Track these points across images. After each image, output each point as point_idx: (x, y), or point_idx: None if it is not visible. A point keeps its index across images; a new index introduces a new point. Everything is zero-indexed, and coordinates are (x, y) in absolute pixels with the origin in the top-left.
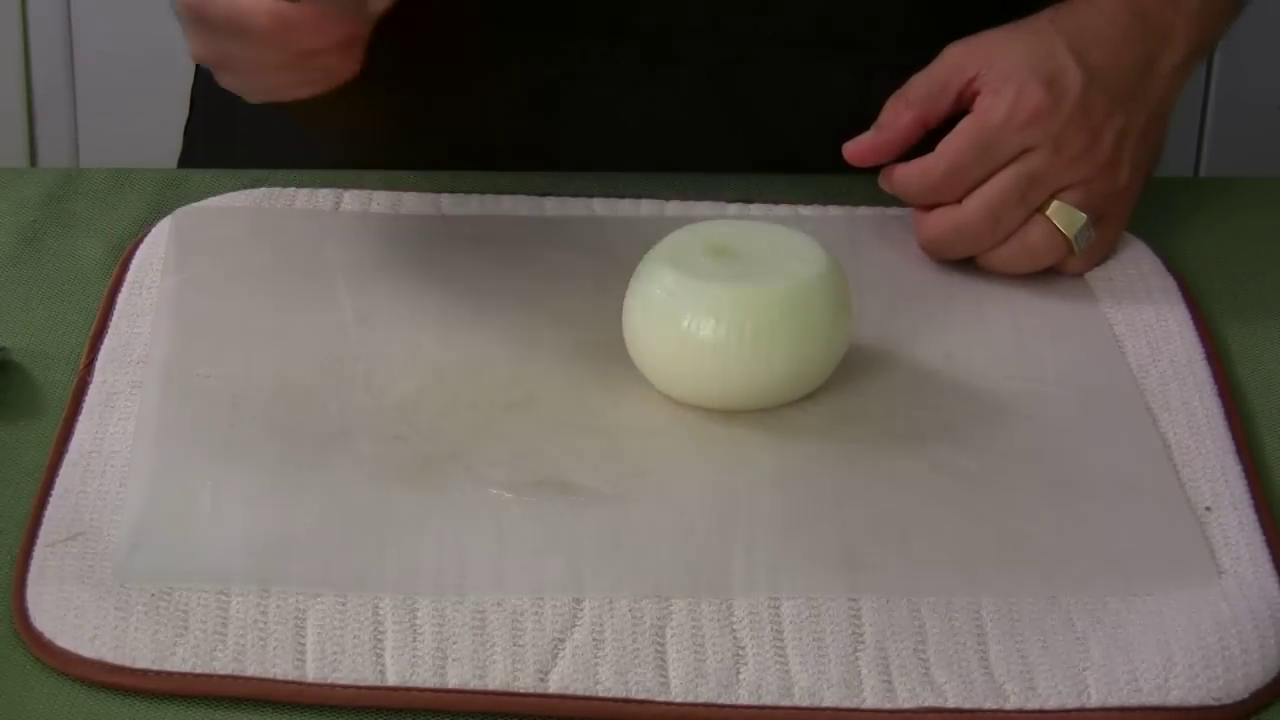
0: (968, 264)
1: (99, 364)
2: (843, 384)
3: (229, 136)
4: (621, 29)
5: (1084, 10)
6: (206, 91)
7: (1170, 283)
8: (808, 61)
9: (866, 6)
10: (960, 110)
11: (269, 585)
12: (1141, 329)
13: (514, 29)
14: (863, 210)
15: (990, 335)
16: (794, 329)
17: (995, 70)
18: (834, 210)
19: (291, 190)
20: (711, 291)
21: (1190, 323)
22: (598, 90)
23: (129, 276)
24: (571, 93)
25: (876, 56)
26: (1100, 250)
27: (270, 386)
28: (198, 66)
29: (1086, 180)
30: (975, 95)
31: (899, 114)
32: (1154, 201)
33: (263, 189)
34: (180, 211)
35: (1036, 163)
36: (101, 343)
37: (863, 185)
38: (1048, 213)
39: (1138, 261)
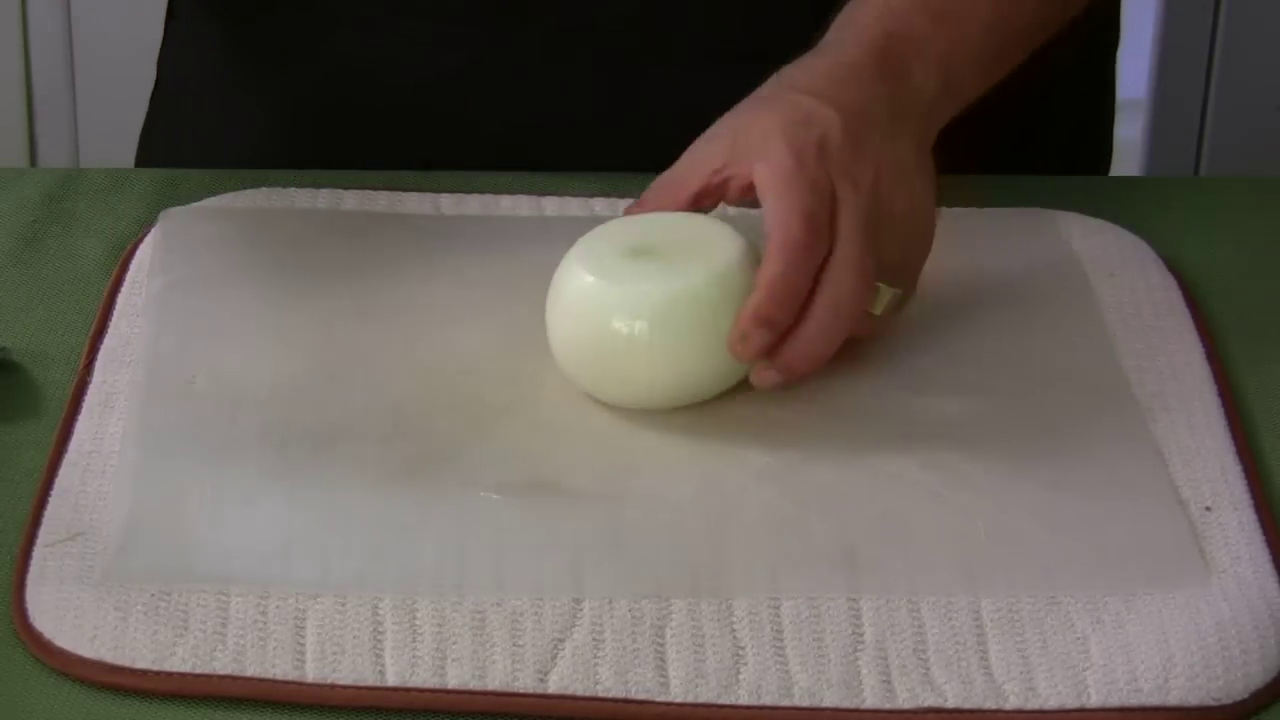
0: (965, 262)
1: (98, 364)
2: (838, 382)
3: (182, 115)
4: (514, 25)
5: (807, 60)
6: (168, 62)
7: (1170, 282)
8: (709, 72)
9: (769, 21)
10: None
11: (268, 587)
12: (1141, 328)
13: (405, 19)
14: None
15: (987, 334)
16: (697, 324)
17: (744, 147)
18: None
19: (291, 190)
20: (617, 291)
21: (1190, 322)
22: (490, 85)
23: (128, 276)
24: (461, 87)
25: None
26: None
27: (262, 388)
28: (165, 39)
29: (897, 237)
30: (726, 183)
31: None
32: (1154, 201)
33: (262, 189)
34: (166, 213)
35: (858, 227)
36: (101, 343)
37: None
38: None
39: (1138, 261)
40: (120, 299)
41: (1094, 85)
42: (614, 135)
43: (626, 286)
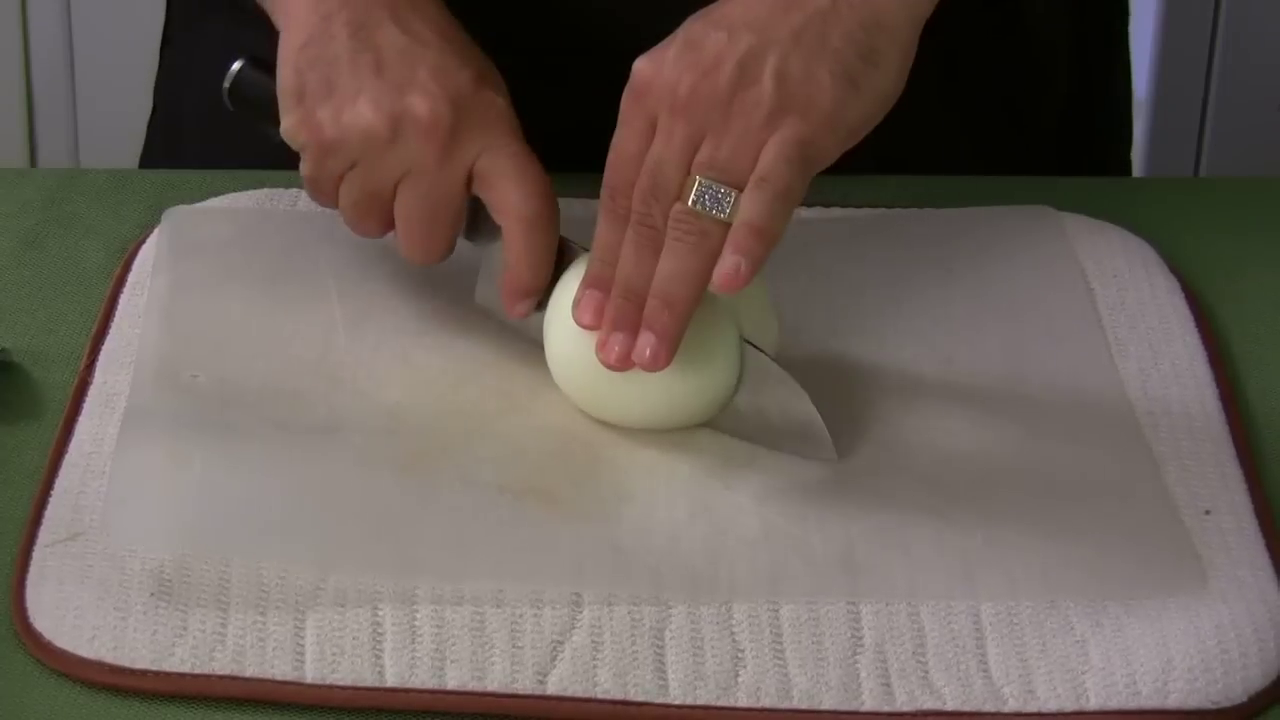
0: (966, 263)
1: (100, 365)
2: (834, 390)
3: (179, 135)
4: (503, 50)
5: None
6: (164, 89)
7: (1173, 283)
8: None
9: None
10: None
11: (267, 587)
12: (1143, 331)
13: None
14: (863, 211)
15: (987, 337)
16: (692, 347)
17: None
18: (835, 211)
19: (294, 191)
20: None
21: (1192, 325)
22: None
23: (130, 278)
24: None
25: None
26: (770, 164)
27: (262, 389)
28: (161, 65)
29: (715, 123)
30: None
31: None
32: (1154, 201)
33: (264, 190)
34: (169, 213)
35: (655, 146)
36: (103, 344)
37: (863, 185)
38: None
39: (1140, 261)
40: (122, 300)
41: (1106, 84)
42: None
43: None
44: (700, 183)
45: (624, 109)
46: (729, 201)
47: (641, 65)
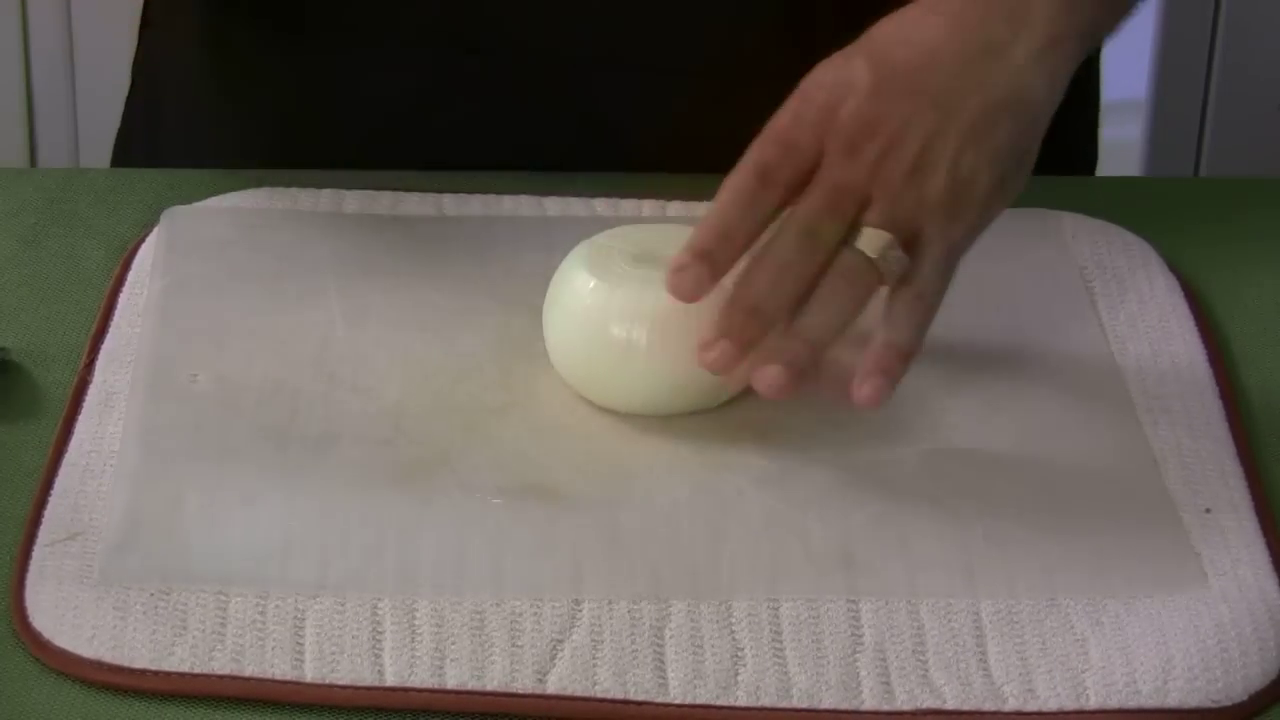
0: (965, 263)
1: (99, 364)
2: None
3: (160, 122)
4: (470, 48)
5: (908, 10)
6: (143, 69)
7: (1173, 282)
8: (663, 82)
9: (728, 38)
10: None
11: (267, 586)
12: (1144, 330)
13: (377, 41)
14: None
15: (988, 335)
16: (695, 333)
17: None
18: None
19: (294, 191)
20: (616, 295)
21: (1192, 324)
22: (453, 104)
23: (130, 277)
24: (423, 105)
25: (734, 82)
26: (927, 277)
27: (262, 388)
28: (140, 45)
29: (890, 193)
30: None
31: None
32: (1154, 201)
33: (264, 189)
34: (169, 213)
35: (835, 169)
36: (102, 343)
37: None
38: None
39: (1141, 262)
40: (121, 299)
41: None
42: (574, 147)
43: (626, 291)
44: (889, 239)
45: (799, 103)
46: (904, 266)
47: (826, 77)
